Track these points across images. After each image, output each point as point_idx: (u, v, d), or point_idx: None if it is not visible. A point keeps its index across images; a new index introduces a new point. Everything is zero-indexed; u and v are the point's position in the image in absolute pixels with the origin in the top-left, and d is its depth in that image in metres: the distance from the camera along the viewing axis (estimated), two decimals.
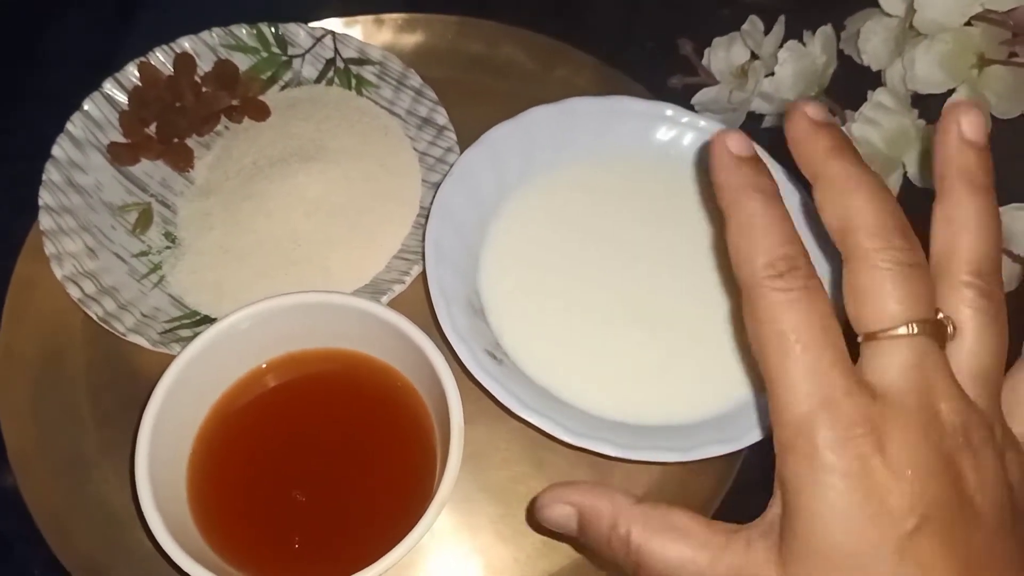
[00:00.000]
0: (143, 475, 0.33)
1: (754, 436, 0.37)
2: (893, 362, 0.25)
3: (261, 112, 0.48)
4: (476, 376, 0.37)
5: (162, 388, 0.35)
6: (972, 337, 0.26)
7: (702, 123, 0.44)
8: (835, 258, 0.28)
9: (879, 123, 0.45)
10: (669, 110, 0.44)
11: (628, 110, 0.44)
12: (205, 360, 0.36)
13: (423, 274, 0.42)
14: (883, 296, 0.25)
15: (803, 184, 0.42)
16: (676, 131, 0.44)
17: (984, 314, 0.26)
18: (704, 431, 0.38)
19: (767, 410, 0.38)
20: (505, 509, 0.40)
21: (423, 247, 0.40)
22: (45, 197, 0.43)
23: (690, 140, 0.44)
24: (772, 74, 0.47)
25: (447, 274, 0.39)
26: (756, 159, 0.28)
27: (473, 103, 0.49)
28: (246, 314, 0.37)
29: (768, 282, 0.26)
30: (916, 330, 0.25)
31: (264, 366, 0.39)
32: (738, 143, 0.28)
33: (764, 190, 0.27)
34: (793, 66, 0.47)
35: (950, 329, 0.26)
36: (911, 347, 0.25)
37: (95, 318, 0.41)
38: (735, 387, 0.40)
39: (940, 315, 0.26)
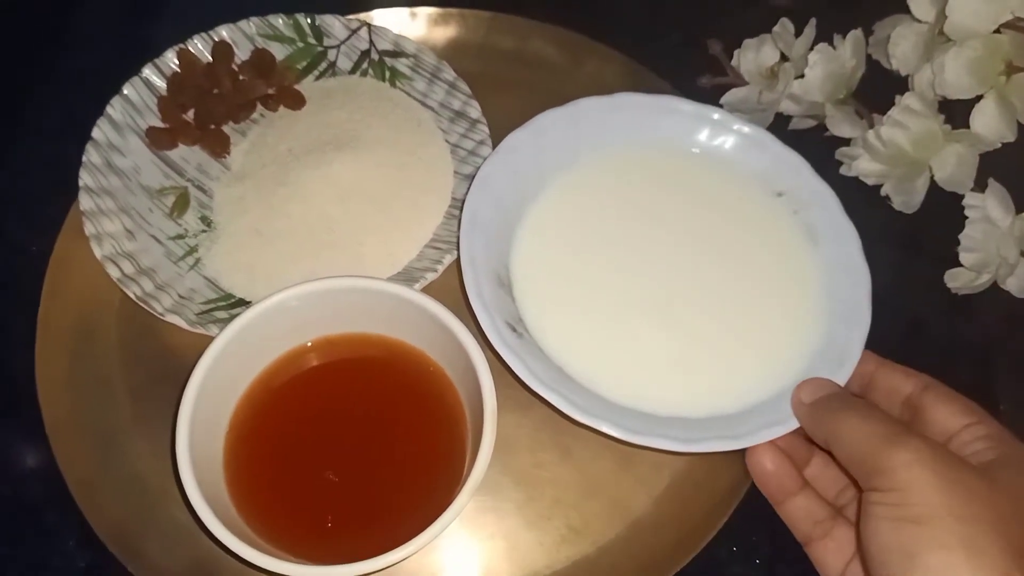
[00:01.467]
0: (183, 449, 0.34)
1: (766, 435, 0.38)
2: None
3: (297, 101, 0.49)
4: (495, 345, 0.38)
5: (203, 365, 0.36)
6: None
7: (746, 129, 0.45)
8: None
9: (907, 126, 0.46)
10: (716, 114, 0.45)
11: (676, 109, 0.45)
12: (244, 339, 0.37)
13: (455, 264, 0.43)
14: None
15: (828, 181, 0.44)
16: (720, 135, 0.45)
17: None
18: (715, 425, 0.39)
19: (783, 409, 0.39)
20: (530, 495, 0.41)
21: (459, 218, 0.41)
22: (85, 178, 0.44)
23: (731, 144, 0.45)
24: (802, 76, 0.48)
25: (479, 245, 0.40)
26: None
27: (502, 97, 0.49)
28: (288, 295, 0.37)
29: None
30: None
31: (300, 348, 0.40)
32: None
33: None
34: (823, 69, 0.48)
35: None
36: None
37: (134, 298, 0.41)
38: (747, 388, 0.40)
39: None
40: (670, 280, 0.43)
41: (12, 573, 0.39)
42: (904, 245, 0.47)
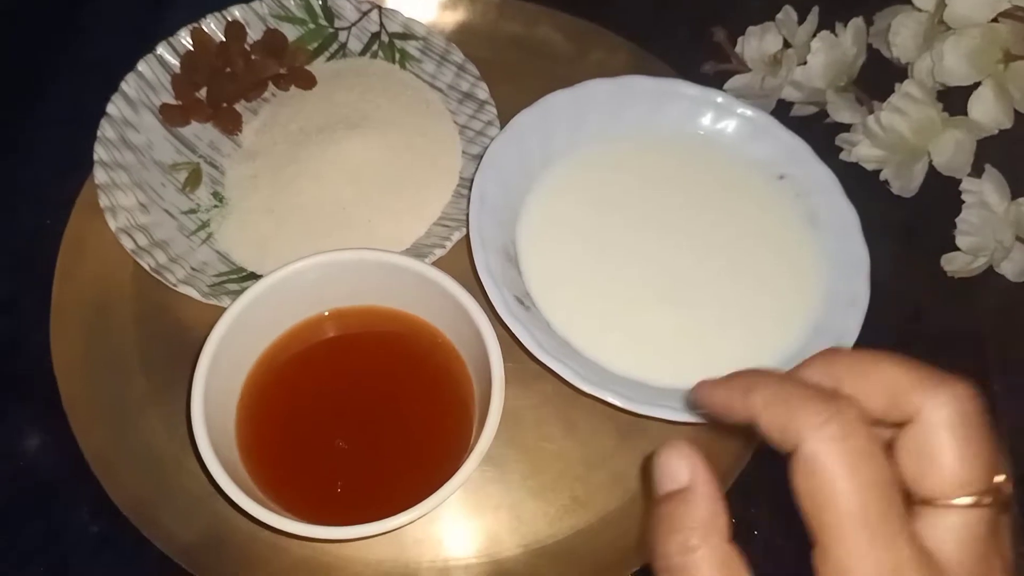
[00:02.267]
0: (198, 416, 0.35)
1: None
2: (954, 533, 0.23)
3: (307, 81, 0.50)
4: (503, 317, 0.39)
5: (217, 333, 0.37)
6: None
7: (749, 112, 0.46)
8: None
9: (907, 112, 0.47)
10: (720, 97, 0.46)
11: (681, 93, 0.46)
12: (257, 309, 0.38)
13: (463, 241, 0.43)
14: (952, 459, 0.23)
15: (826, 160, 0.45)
16: (724, 119, 0.46)
17: None
18: None
19: None
20: (535, 467, 0.42)
21: (468, 195, 0.42)
22: (100, 152, 0.45)
23: (734, 128, 0.46)
24: (804, 63, 0.49)
25: (488, 221, 0.41)
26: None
27: (509, 81, 0.50)
28: (301, 267, 0.38)
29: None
30: (980, 500, 0.23)
31: (311, 320, 0.41)
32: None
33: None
34: (825, 56, 0.49)
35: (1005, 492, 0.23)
36: (975, 518, 0.23)
37: (148, 268, 0.42)
38: (746, 362, 0.41)
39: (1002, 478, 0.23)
40: (672, 258, 0.44)
41: (28, 543, 0.40)
42: (901, 229, 0.48)
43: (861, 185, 0.46)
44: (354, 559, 0.39)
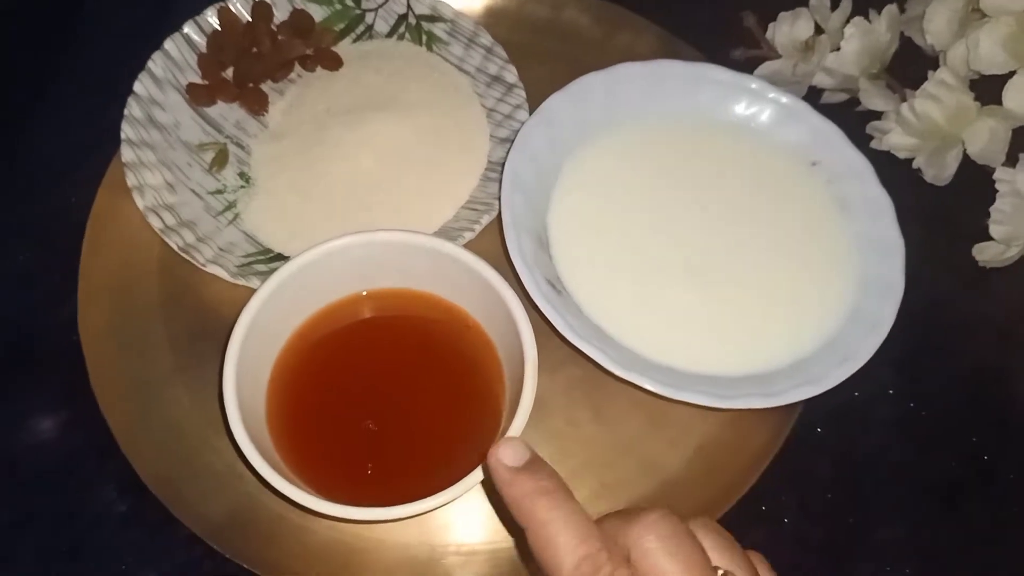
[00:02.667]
0: (231, 393, 0.35)
1: (798, 394, 0.38)
2: None
3: (334, 62, 0.50)
4: (536, 301, 0.38)
5: (249, 311, 0.36)
6: None
7: (783, 99, 0.45)
8: None
9: (941, 100, 0.46)
10: (753, 83, 0.46)
11: (713, 78, 0.45)
12: (290, 287, 0.38)
13: (491, 225, 0.43)
14: (666, 573, 0.25)
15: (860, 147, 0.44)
16: (757, 104, 0.46)
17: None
18: (746, 384, 0.39)
19: (813, 371, 0.39)
20: (563, 452, 0.41)
21: (500, 177, 0.41)
22: (127, 131, 0.45)
23: (767, 113, 0.46)
24: (837, 49, 0.48)
25: (520, 204, 0.41)
26: (532, 462, 0.29)
27: (536, 65, 0.50)
28: (338, 245, 0.38)
29: None
30: None
31: (341, 301, 0.40)
32: (510, 454, 0.29)
33: (547, 491, 0.27)
34: (859, 42, 0.48)
35: None
36: None
37: (176, 248, 0.42)
38: (781, 347, 0.41)
39: (720, 571, 0.26)
40: (703, 243, 0.43)
41: (54, 517, 0.40)
42: (933, 218, 0.47)
43: (892, 173, 0.45)
44: (380, 541, 0.39)
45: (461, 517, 0.40)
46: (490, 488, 0.34)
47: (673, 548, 0.25)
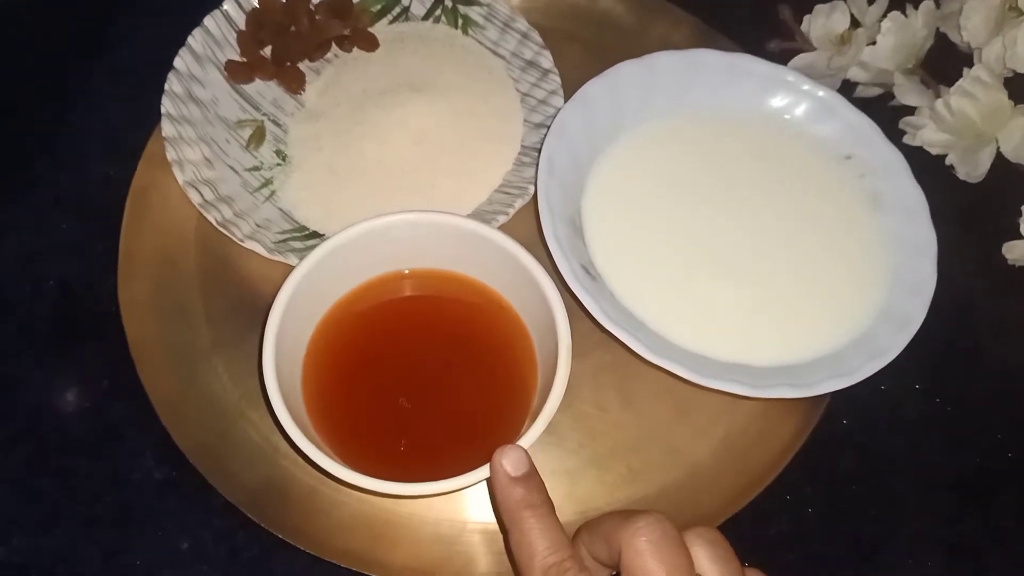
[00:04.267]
0: (270, 364, 0.35)
1: (828, 386, 0.39)
2: None
3: (370, 43, 0.50)
4: (571, 285, 0.39)
5: (290, 285, 0.37)
6: None
7: (820, 93, 0.45)
8: None
9: (976, 97, 0.46)
10: (790, 75, 0.46)
11: (749, 69, 0.46)
12: (329, 264, 0.38)
13: (525, 209, 0.44)
14: (649, 572, 0.27)
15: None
16: (792, 97, 0.46)
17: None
18: (777, 375, 0.40)
19: (844, 365, 0.40)
20: (591, 436, 0.42)
21: (536, 162, 0.42)
22: (167, 106, 0.45)
23: (804, 108, 0.46)
24: (873, 43, 0.48)
25: (555, 189, 0.41)
26: (528, 476, 0.32)
27: (569, 52, 0.50)
28: (371, 227, 0.38)
29: None
30: None
31: (376, 280, 0.41)
32: (513, 462, 0.32)
33: (533, 505, 0.31)
34: (895, 37, 0.48)
35: None
36: None
37: (214, 223, 0.42)
38: (812, 340, 0.41)
39: None
40: (735, 234, 0.44)
41: (93, 485, 0.40)
42: (964, 216, 0.47)
43: (924, 169, 0.45)
44: (412, 516, 0.40)
45: (489, 497, 0.41)
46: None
47: (660, 552, 0.27)
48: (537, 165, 0.42)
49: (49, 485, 0.40)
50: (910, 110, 0.50)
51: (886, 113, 0.49)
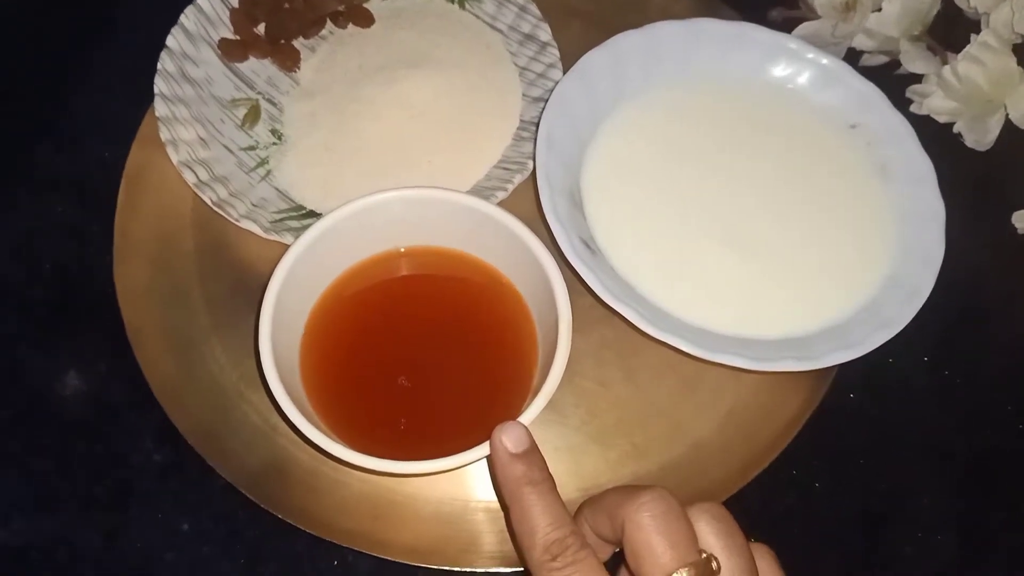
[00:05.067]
0: (266, 346, 0.35)
1: (835, 358, 0.38)
2: None
3: (366, 19, 0.49)
4: (570, 260, 0.38)
5: (285, 265, 0.36)
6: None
7: (824, 60, 0.45)
8: None
9: (984, 63, 0.45)
10: (793, 43, 0.45)
11: (752, 38, 0.45)
12: (325, 242, 0.38)
13: (523, 185, 0.43)
14: (653, 547, 0.27)
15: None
16: (796, 65, 0.45)
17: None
18: (782, 348, 0.39)
19: (851, 336, 0.39)
20: (593, 413, 0.42)
21: (535, 135, 0.41)
22: (160, 85, 0.44)
23: (808, 76, 0.45)
24: (878, 10, 0.47)
25: (554, 163, 0.40)
26: (529, 452, 0.32)
27: (568, 24, 0.49)
28: (367, 204, 0.38)
29: (547, 565, 0.29)
30: (688, 573, 0.27)
31: (373, 258, 0.40)
32: (513, 439, 0.32)
33: (534, 482, 0.31)
34: (901, 3, 0.47)
35: (714, 565, 0.28)
36: None
37: (209, 203, 0.42)
38: (817, 311, 0.41)
39: (704, 554, 0.28)
40: (739, 205, 0.43)
41: (92, 468, 0.40)
42: (973, 184, 0.47)
43: (932, 138, 0.45)
44: (414, 496, 0.39)
45: (490, 475, 0.40)
46: None
47: (663, 526, 0.27)
48: (536, 140, 0.41)
49: (49, 468, 0.40)
50: (917, 78, 0.49)
51: (892, 82, 0.48)
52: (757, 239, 0.42)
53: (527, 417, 0.34)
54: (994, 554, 0.41)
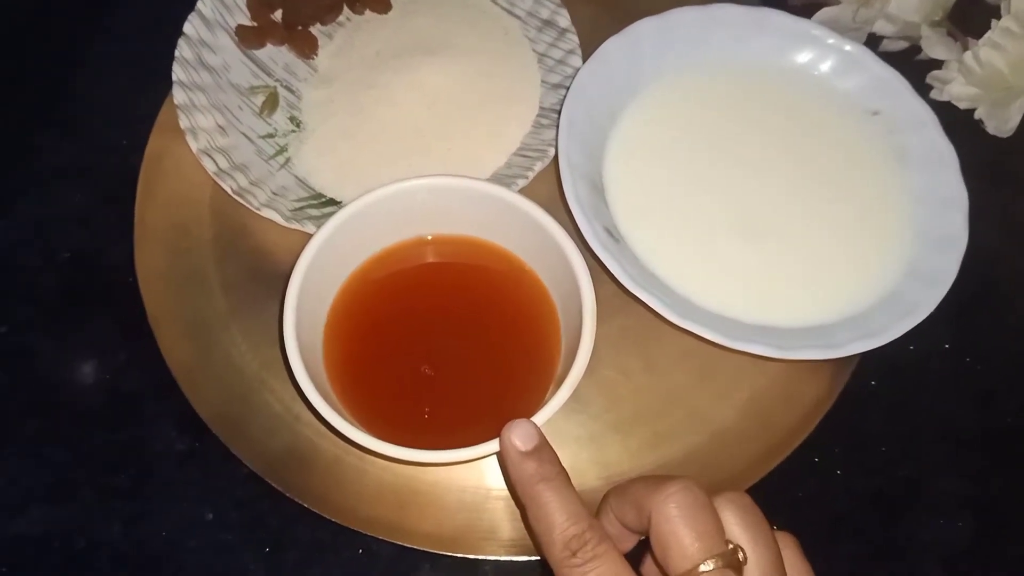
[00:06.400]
0: (291, 333, 0.35)
1: (858, 347, 0.38)
2: None
3: (382, 5, 0.49)
4: (593, 248, 0.38)
5: (306, 257, 0.36)
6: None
7: (847, 47, 0.44)
8: None
9: (1006, 48, 0.45)
10: (815, 29, 0.44)
11: (771, 23, 0.44)
12: (346, 232, 0.37)
13: (544, 172, 0.43)
14: (680, 539, 0.27)
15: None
16: (818, 51, 0.45)
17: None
18: (805, 336, 0.39)
19: (873, 324, 0.39)
20: (614, 401, 0.41)
21: (557, 123, 0.41)
22: (178, 73, 0.44)
23: (829, 62, 0.45)
24: None
25: (576, 151, 0.40)
26: (539, 448, 0.31)
27: (584, 12, 0.49)
28: (390, 192, 0.38)
29: (568, 561, 0.28)
30: (715, 564, 0.26)
31: (402, 244, 0.40)
32: (522, 437, 0.31)
33: (548, 478, 0.30)
34: None
35: (741, 556, 0.27)
36: None
37: (230, 192, 0.42)
38: (839, 300, 0.41)
39: (730, 545, 0.28)
40: (760, 193, 0.43)
41: (114, 456, 0.40)
42: (994, 171, 0.46)
43: (953, 125, 0.44)
44: (436, 484, 0.39)
45: (502, 474, 0.40)
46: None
47: (690, 518, 0.27)
48: (557, 127, 0.41)
49: (69, 457, 0.40)
50: (937, 64, 0.49)
51: (912, 67, 0.48)
52: (779, 227, 0.42)
53: (551, 407, 0.34)
54: (1013, 540, 0.41)
